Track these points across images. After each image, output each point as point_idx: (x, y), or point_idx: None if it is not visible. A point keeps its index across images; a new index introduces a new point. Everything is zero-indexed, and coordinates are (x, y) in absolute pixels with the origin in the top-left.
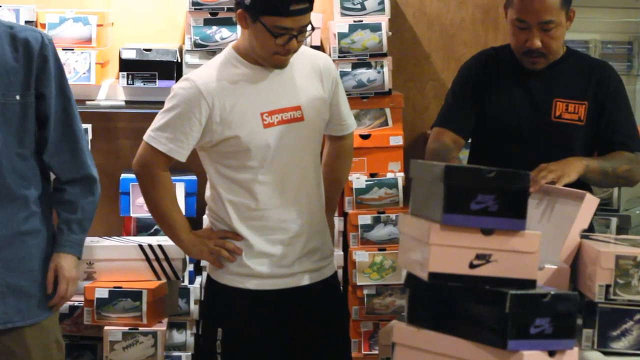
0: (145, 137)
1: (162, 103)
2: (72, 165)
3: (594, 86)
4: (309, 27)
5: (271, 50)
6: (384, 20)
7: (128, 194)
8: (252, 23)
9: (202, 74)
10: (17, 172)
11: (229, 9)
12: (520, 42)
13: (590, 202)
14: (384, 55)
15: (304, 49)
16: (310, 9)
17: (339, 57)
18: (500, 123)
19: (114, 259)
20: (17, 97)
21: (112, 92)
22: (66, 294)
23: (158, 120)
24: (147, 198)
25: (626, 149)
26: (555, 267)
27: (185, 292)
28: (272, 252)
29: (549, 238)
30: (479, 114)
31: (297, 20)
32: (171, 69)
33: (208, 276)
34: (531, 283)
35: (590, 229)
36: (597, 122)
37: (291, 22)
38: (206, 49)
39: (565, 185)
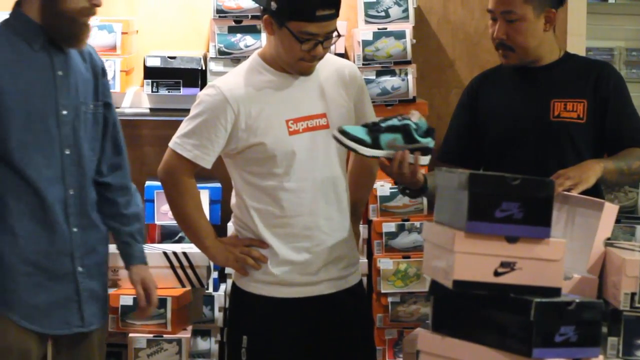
0: (170, 144)
1: (186, 110)
2: (122, 176)
3: (592, 84)
4: (334, 34)
5: (297, 57)
6: (408, 27)
7: (152, 201)
8: (279, 29)
9: (227, 80)
10: (92, 181)
11: (253, 17)
12: (491, 34)
13: (610, 210)
14: (408, 62)
15: (329, 57)
16: (337, 15)
17: (363, 64)
18: (500, 127)
19: None
20: (91, 106)
21: (136, 99)
22: (156, 303)
23: (184, 127)
24: (173, 205)
25: (636, 144)
26: (582, 276)
27: (209, 300)
28: (297, 259)
29: (572, 247)
30: (480, 126)
31: (323, 26)
32: (195, 77)
33: (233, 284)
34: (556, 291)
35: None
36: (601, 120)
37: (317, 27)
38: (230, 57)
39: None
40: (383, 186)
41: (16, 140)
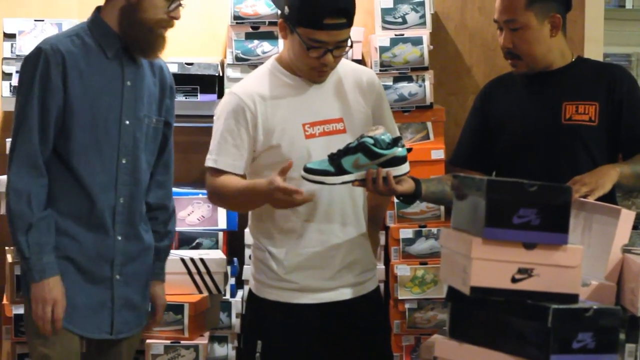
0: (205, 163)
1: (203, 117)
2: (163, 196)
3: (605, 87)
4: (347, 43)
5: (307, 63)
6: (425, 34)
7: None
8: (290, 33)
9: (243, 84)
10: (144, 193)
11: (270, 23)
12: (499, 43)
13: (627, 216)
14: (426, 68)
15: (347, 63)
16: (348, 25)
17: (380, 70)
18: (512, 132)
19: None
20: (154, 120)
21: None
22: (160, 319)
23: (212, 143)
24: (232, 209)
25: None
26: (600, 283)
27: (226, 306)
28: (311, 264)
29: (590, 254)
30: (493, 131)
31: (332, 35)
32: (213, 83)
33: (249, 290)
34: (573, 297)
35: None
36: (614, 123)
37: (325, 35)
38: (247, 63)
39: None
40: None
41: (77, 142)
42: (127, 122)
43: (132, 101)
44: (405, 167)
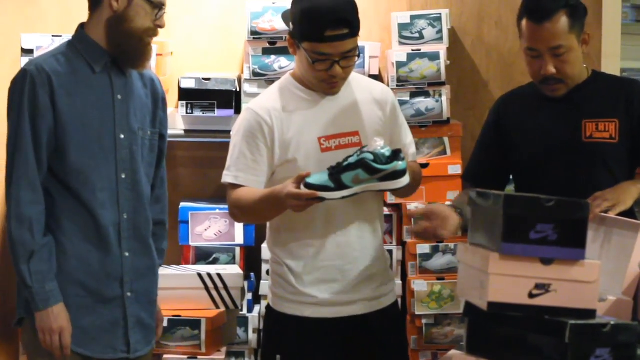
0: (222, 180)
1: (221, 132)
2: (160, 211)
3: (623, 103)
4: (355, 53)
5: (316, 77)
6: (442, 49)
7: (187, 222)
8: (298, 49)
9: (260, 100)
10: (148, 206)
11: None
12: (535, 70)
13: None
14: (443, 84)
15: (361, 78)
16: (352, 35)
17: (397, 85)
18: (531, 148)
19: (173, 288)
20: (149, 133)
21: (171, 121)
22: (161, 333)
23: (229, 159)
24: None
25: None
26: (617, 298)
27: (243, 321)
28: (329, 278)
29: (608, 269)
30: (508, 147)
31: (336, 46)
32: (230, 98)
33: (268, 304)
34: (591, 313)
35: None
36: (635, 139)
37: (329, 47)
38: (265, 78)
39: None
40: (417, 207)
41: (73, 161)
42: (122, 136)
43: (125, 114)
44: (404, 180)
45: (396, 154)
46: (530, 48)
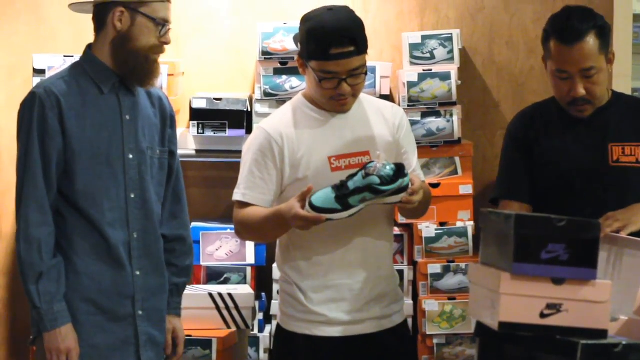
0: (233, 198)
1: (232, 152)
2: (178, 226)
3: None
4: (362, 71)
5: (324, 95)
6: (453, 69)
7: (198, 242)
8: (306, 68)
9: (271, 120)
10: (158, 225)
11: None
12: (564, 92)
13: None
14: (454, 104)
15: (372, 98)
16: (357, 52)
17: (408, 105)
18: (555, 173)
19: (184, 308)
20: (157, 152)
21: (182, 141)
22: (182, 353)
23: (239, 177)
24: (256, 240)
25: None
26: (629, 318)
27: (254, 341)
28: (338, 297)
29: (619, 289)
30: (533, 169)
31: (342, 64)
32: (241, 118)
33: (277, 324)
34: (602, 333)
35: None
36: None
37: (335, 66)
38: (276, 98)
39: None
40: (428, 227)
41: (82, 182)
42: (131, 156)
43: (133, 135)
44: (401, 196)
45: (400, 170)
46: (560, 70)
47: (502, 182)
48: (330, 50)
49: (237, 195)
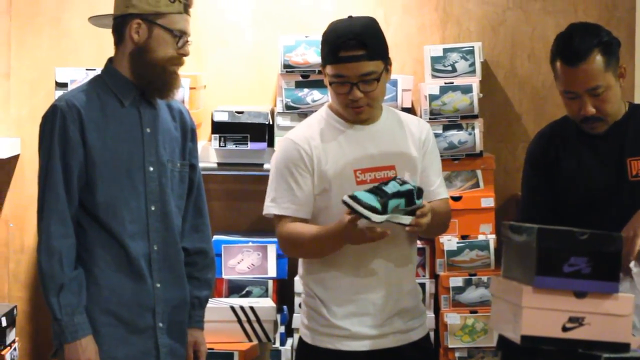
0: (264, 212)
1: (253, 165)
2: (200, 239)
3: None
4: (374, 77)
5: (339, 102)
6: (474, 82)
7: (220, 255)
8: (325, 77)
9: (297, 131)
10: (179, 237)
11: (320, 72)
12: (574, 111)
13: None
14: (475, 116)
15: (398, 112)
16: (368, 56)
17: (430, 118)
18: (575, 191)
19: (206, 321)
20: (178, 165)
21: (204, 154)
22: None
23: (272, 190)
24: (306, 255)
25: None
26: None
27: (276, 354)
28: (361, 311)
29: None
30: (554, 188)
31: (351, 68)
32: (263, 131)
33: (300, 338)
34: (625, 346)
35: None
36: None
37: (344, 69)
38: (297, 111)
39: None
40: (450, 240)
41: (102, 194)
42: (151, 169)
43: (154, 147)
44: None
45: (421, 192)
46: (567, 91)
47: (524, 211)
48: (339, 52)
49: (274, 209)
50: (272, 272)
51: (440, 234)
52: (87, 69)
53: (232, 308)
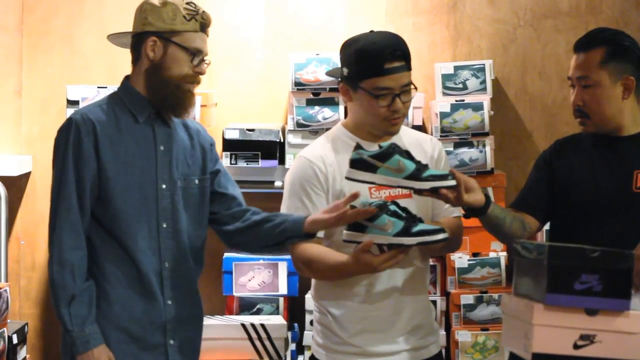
0: None
1: (265, 183)
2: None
3: None
4: (411, 87)
5: (378, 115)
6: (485, 99)
7: (231, 273)
8: (355, 92)
9: (311, 149)
10: (194, 254)
11: (331, 89)
12: (571, 101)
13: None
14: (486, 134)
15: (410, 130)
16: (407, 67)
17: (440, 136)
18: (580, 196)
19: (217, 338)
20: (196, 182)
21: None
22: None
23: (282, 209)
24: (322, 278)
25: None
26: None
27: None
28: (374, 328)
29: None
30: (557, 190)
31: (395, 79)
32: (274, 149)
33: (312, 356)
34: None
35: None
36: None
37: (389, 80)
38: (308, 129)
39: None
40: (461, 258)
41: (115, 209)
42: (164, 186)
43: (167, 165)
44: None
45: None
46: (568, 77)
47: (522, 194)
48: (384, 64)
49: None
50: (283, 289)
51: (453, 251)
52: (98, 87)
53: (243, 325)
